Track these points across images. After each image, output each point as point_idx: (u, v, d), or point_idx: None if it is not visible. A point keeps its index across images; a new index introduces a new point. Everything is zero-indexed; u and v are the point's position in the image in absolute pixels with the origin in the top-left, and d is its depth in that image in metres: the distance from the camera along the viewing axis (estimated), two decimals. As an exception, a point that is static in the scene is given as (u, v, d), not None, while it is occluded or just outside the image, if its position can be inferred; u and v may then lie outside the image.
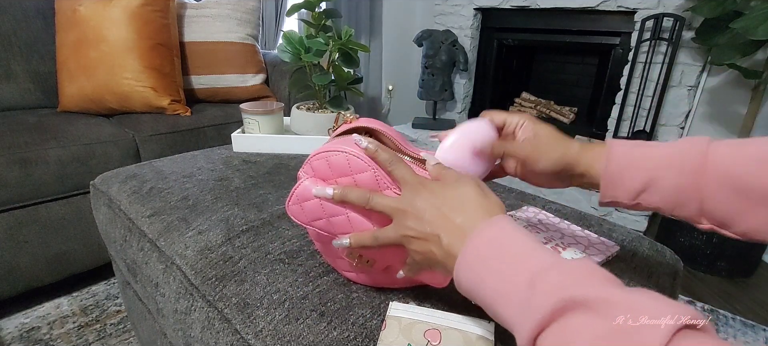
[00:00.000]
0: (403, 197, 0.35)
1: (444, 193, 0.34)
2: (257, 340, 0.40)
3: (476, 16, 2.15)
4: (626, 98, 1.68)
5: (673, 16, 1.48)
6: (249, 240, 0.53)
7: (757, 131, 1.39)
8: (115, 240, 0.67)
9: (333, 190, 0.37)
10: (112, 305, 1.08)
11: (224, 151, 0.86)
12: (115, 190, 0.70)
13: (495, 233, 0.30)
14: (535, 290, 0.25)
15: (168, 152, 1.16)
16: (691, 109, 1.59)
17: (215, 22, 1.46)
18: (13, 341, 0.96)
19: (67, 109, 1.23)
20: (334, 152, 0.38)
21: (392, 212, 0.35)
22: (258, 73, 1.54)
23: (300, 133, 0.88)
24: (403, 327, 0.37)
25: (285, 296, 0.44)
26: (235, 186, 0.68)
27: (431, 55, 2.14)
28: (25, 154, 0.94)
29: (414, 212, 0.33)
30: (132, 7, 1.20)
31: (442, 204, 0.33)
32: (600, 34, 1.78)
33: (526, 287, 0.26)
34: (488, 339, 0.36)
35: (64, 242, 1.03)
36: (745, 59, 1.30)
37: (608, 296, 0.22)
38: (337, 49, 0.81)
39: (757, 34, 1.10)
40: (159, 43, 1.26)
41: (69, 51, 1.20)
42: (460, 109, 2.35)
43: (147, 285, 0.58)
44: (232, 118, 1.33)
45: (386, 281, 0.44)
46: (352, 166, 0.37)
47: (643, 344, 0.20)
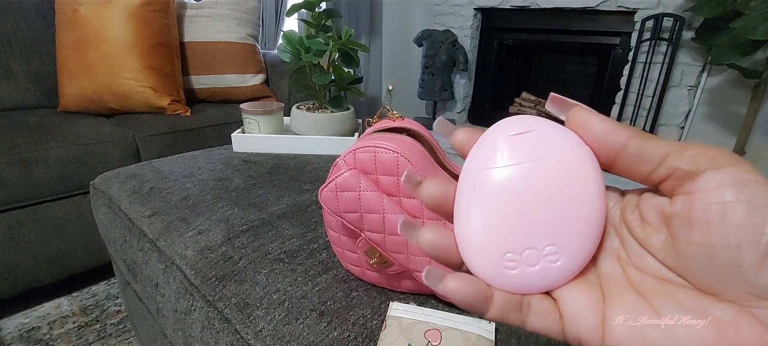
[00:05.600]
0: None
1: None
2: (257, 340, 0.40)
3: (476, 16, 2.16)
4: (626, 98, 1.68)
5: (673, 16, 1.48)
6: (249, 240, 0.53)
7: (756, 131, 1.39)
8: (115, 240, 0.67)
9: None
10: (112, 305, 1.08)
11: (224, 151, 0.85)
12: (115, 190, 0.70)
13: None
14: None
15: (168, 152, 1.16)
16: (691, 109, 1.59)
17: (215, 22, 1.46)
18: (13, 341, 0.96)
19: (67, 109, 1.23)
20: (383, 150, 0.36)
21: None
22: (258, 73, 1.53)
23: (300, 133, 0.88)
24: (403, 327, 0.37)
25: (285, 296, 0.44)
26: (235, 186, 0.68)
27: (431, 55, 2.14)
28: (25, 155, 0.94)
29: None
30: (132, 7, 1.20)
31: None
32: (600, 34, 1.78)
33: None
34: (488, 339, 0.36)
35: (64, 242, 1.03)
36: (745, 59, 1.30)
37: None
38: (337, 49, 0.81)
39: (756, 34, 1.10)
40: (159, 43, 1.26)
41: (69, 51, 1.20)
42: (460, 109, 2.35)
43: (147, 285, 0.58)
44: (232, 118, 1.33)
45: (393, 283, 0.44)
46: (400, 168, 0.36)
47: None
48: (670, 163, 0.15)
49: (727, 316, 0.14)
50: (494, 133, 0.18)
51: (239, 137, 0.86)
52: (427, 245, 0.19)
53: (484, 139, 0.18)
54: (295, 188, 0.67)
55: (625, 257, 0.18)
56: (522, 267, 0.17)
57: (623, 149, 0.16)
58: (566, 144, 0.17)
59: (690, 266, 0.15)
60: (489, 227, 0.17)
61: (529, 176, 0.17)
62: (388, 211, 0.37)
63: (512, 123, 0.18)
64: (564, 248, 0.17)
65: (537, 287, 0.18)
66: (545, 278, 0.17)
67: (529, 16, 1.97)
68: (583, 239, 0.17)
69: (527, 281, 0.17)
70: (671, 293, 0.16)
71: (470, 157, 0.18)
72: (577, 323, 0.17)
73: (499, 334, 0.39)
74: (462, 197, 0.18)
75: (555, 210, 0.17)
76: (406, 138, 0.38)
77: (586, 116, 0.17)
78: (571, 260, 0.17)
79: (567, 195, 0.17)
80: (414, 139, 0.39)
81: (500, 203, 0.17)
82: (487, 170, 0.17)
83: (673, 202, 0.16)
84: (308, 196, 0.65)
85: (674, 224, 0.15)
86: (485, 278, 0.18)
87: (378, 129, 0.41)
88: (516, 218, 0.17)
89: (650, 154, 0.16)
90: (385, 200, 0.37)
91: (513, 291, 0.18)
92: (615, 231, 0.18)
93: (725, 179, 0.14)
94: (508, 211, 0.17)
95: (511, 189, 0.17)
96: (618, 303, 0.16)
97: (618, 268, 0.18)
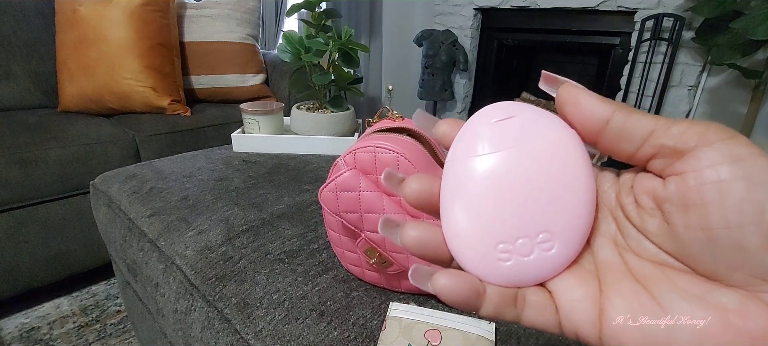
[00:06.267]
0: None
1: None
2: (257, 340, 0.40)
3: (476, 16, 2.15)
4: (626, 98, 1.68)
5: (673, 16, 1.48)
6: (249, 240, 0.53)
7: (757, 131, 1.39)
8: (115, 240, 0.67)
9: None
10: (112, 305, 1.08)
11: (224, 152, 0.85)
12: (115, 190, 0.70)
13: None
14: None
15: (168, 152, 1.16)
16: (691, 109, 1.59)
17: (215, 22, 1.46)
18: (13, 341, 0.96)
19: (67, 109, 1.23)
20: (383, 150, 0.37)
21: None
22: (258, 73, 1.53)
23: (300, 133, 0.88)
24: (403, 327, 0.37)
25: (285, 296, 0.44)
26: (235, 186, 0.68)
27: (431, 55, 2.14)
28: (25, 154, 0.94)
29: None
30: (132, 7, 1.20)
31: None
32: (600, 34, 1.78)
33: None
34: (488, 339, 0.36)
35: (64, 242, 1.03)
36: (745, 59, 1.30)
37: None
38: (337, 49, 0.81)
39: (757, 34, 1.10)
40: (159, 43, 1.26)
41: (69, 51, 1.20)
42: (460, 109, 2.35)
43: (147, 285, 0.58)
44: (232, 118, 1.33)
45: (393, 283, 0.44)
46: (400, 168, 0.36)
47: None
48: (656, 140, 0.14)
49: (733, 302, 0.13)
50: (476, 121, 0.17)
51: (239, 137, 0.86)
52: (413, 242, 0.17)
53: (467, 128, 0.17)
54: (295, 188, 0.67)
55: (622, 242, 0.17)
56: (516, 258, 0.16)
57: (606, 124, 0.15)
58: (550, 127, 0.16)
59: (689, 251, 0.14)
60: (478, 218, 0.16)
61: (514, 162, 0.16)
62: (388, 211, 0.37)
63: (494, 110, 0.17)
64: (557, 234, 0.16)
65: (533, 278, 0.17)
66: (540, 268, 0.16)
67: (529, 16, 1.97)
68: (575, 223, 0.16)
69: (522, 271, 0.16)
70: (672, 280, 0.15)
71: (453, 147, 0.18)
72: (573, 316, 0.16)
73: (499, 334, 0.39)
74: (447, 189, 0.17)
75: (545, 195, 0.16)
76: (406, 138, 0.38)
77: (572, 91, 0.16)
78: (565, 247, 0.16)
79: (555, 179, 0.16)
80: (414, 139, 0.39)
81: (488, 192, 0.16)
82: (470, 159, 0.17)
83: (666, 184, 0.14)
84: (308, 196, 0.65)
85: (668, 208, 0.14)
86: (478, 273, 0.17)
87: (378, 129, 0.41)
88: (506, 206, 0.16)
89: (633, 130, 0.15)
90: (385, 200, 0.37)
91: (508, 284, 0.17)
92: (611, 215, 0.17)
93: (718, 155, 0.13)
94: (497, 200, 0.16)
95: (497, 177, 0.16)
96: (615, 293, 0.15)
97: (616, 254, 0.17)
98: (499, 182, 0.16)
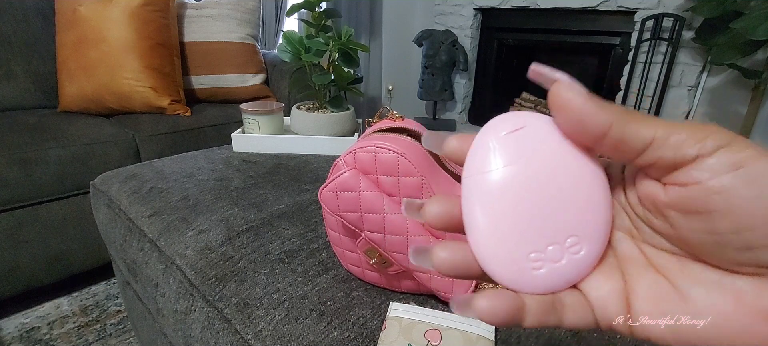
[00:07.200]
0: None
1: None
2: (257, 340, 0.40)
3: (476, 16, 2.16)
4: (626, 98, 1.68)
5: (673, 16, 1.48)
6: (249, 240, 0.53)
7: (757, 131, 1.40)
8: (115, 240, 0.67)
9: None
10: (112, 305, 1.08)
11: (224, 152, 0.85)
12: (115, 190, 0.70)
13: None
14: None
15: (168, 152, 1.16)
16: (691, 109, 1.59)
17: (215, 22, 1.46)
18: (13, 341, 0.96)
19: (67, 109, 1.23)
20: (383, 150, 0.36)
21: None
22: (258, 73, 1.54)
23: (300, 133, 0.88)
24: (403, 327, 0.37)
25: (285, 296, 0.44)
26: (235, 186, 0.68)
27: (431, 55, 2.14)
28: (25, 154, 0.94)
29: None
30: (132, 7, 1.20)
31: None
32: (600, 34, 1.79)
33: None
34: (488, 339, 0.36)
35: (64, 242, 1.03)
36: (745, 59, 1.30)
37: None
38: (337, 49, 0.81)
39: (757, 34, 1.10)
40: (159, 43, 1.26)
41: (69, 51, 1.20)
42: (460, 109, 2.35)
43: (147, 285, 0.58)
44: (232, 118, 1.33)
45: (393, 283, 0.44)
46: (400, 168, 0.36)
47: None
48: (654, 152, 0.14)
49: (747, 286, 0.14)
50: (486, 135, 0.17)
51: (239, 137, 0.86)
52: (445, 265, 0.17)
53: (478, 143, 0.18)
54: (295, 188, 0.67)
55: (637, 234, 0.17)
56: (548, 265, 0.17)
57: (604, 137, 0.15)
58: (560, 131, 0.17)
59: (696, 250, 0.15)
60: (506, 232, 0.17)
61: (532, 172, 0.16)
62: (388, 211, 0.37)
63: (502, 122, 0.17)
64: (584, 237, 0.16)
65: (567, 281, 0.17)
66: (572, 271, 0.17)
67: (529, 16, 1.97)
68: (599, 222, 0.17)
69: (556, 277, 0.17)
70: (688, 269, 0.15)
71: (467, 163, 0.18)
72: (606, 311, 0.16)
73: (499, 333, 0.39)
74: (469, 207, 0.17)
75: (566, 200, 0.16)
76: (406, 138, 0.38)
77: (565, 96, 0.15)
78: (593, 247, 0.17)
79: (574, 182, 0.16)
80: (414, 140, 0.39)
81: (511, 205, 0.17)
82: (487, 174, 0.17)
83: (666, 191, 0.15)
84: (308, 196, 0.65)
85: (671, 213, 0.15)
86: (513, 285, 0.17)
87: (378, 129, 0.41)
88: (532, 216, 0.16)
89: (631, 140, 0.14)
90: (385, 200, 0.37)
91: (544, 292, 0.17)
92: (623, 210, 0.17)
93: (720, 164, 0.13)
94: (522, 211, 0.16)
95: (517, 189, 0.16)
96: (639, 285, 0.16)
97: (634, 247, 0.17)
98: (521, 194, 0.17)
